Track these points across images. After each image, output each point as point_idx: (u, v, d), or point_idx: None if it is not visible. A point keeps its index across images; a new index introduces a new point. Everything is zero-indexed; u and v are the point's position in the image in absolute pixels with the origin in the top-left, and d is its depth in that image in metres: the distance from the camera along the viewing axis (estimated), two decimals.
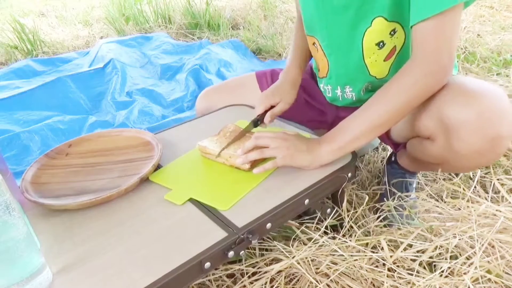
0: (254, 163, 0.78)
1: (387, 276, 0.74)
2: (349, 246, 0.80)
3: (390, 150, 1.20)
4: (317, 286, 0.72)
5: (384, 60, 0.84)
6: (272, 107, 0.91)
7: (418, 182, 1.07)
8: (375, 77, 0.87)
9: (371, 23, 0.79)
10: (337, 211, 0.84)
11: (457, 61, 0.84)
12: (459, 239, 0.77)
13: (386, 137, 0.95)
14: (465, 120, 0.67)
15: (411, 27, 0.71)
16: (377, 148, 1.24)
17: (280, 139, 0.76)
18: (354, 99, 0.93)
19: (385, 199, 0.94)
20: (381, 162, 1.18)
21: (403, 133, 0.88)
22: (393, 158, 1.02)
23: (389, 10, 0.77)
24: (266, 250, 0.82)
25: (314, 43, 0.94)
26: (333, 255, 0.77)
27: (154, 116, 1.55)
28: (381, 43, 0.81)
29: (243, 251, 0.64)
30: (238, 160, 0.76)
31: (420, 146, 0.82)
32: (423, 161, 0.87)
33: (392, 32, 0.79)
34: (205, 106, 1.10)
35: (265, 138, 0.77)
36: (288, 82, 0.96)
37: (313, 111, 1.06)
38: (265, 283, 0.75)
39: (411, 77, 0.71)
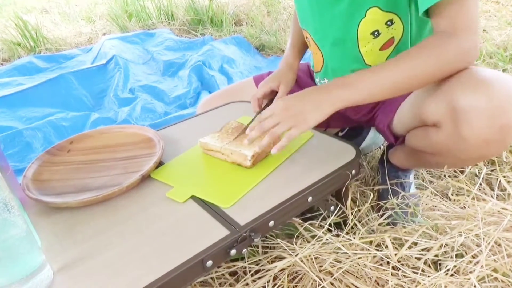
0: (257, 159, 0.77)
1: (391, 275, 0.73)
2: (353, 244, 0.79)
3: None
4: (320, 284, 0.72)
5: (380, 50, 0.83)
6: (273, 99, 0.91)
7: (423, 179, 1.06)
8: (371, 66, 0.85)
9: (366, 13, 0.78)
10: (340, 208, 0.83)
11: None
12: (465, 238, 0.76)
13: (387, 129, 0.93)
14: (475, 106, 0.65)
15: (430, 14, 0.68)
16: (380, 146, 1.23)
17: (283, 110, 0.72)
18: None
19: (389, 197, 0.93)
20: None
21: (406, 123, 0.85)
22: (384, 157, 1.02)
23: (384, 0, 0.76)
24: (269, 247, 0.82)
25: (307, 37, 0.94)
26: (337, 253, 0.77)
27: (156, 113, 1.54)
28: (376, 32, 0.80)
29: (245, 249, 0.63)
30: (256, 148, 0.75)
31: (424, 135, 0.79)
32: (420, 155, 0.85)
33: (388, 23, 0.78)
34: None
35: (268, 120, 0.73)
36: (286, 66, 0.98)
37: None
38: (268, 281, 0.74)
39: (443, 47, 0.67)
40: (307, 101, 0.72)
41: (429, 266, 0.75)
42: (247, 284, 0.75)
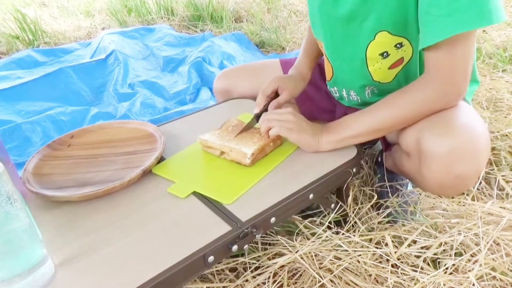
0: (256, 158, 0.77)
1: (390, 272, 0.73)
2: (352, 241, 0.79)
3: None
4: (320, 281, 0.72)
5: (388, 68, 0.83)
6: (274, 98, 0.91)
7: None
8: (379, 82, 0.86)
9: (375, 36, 0.79)
10: (341, 206, 0.84)
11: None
12: (464, 236, 0.76)
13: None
14: (436, 152, 0.68)
15: (423, 48, 0.70)
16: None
17: (289, 114, 0.79)
18: (359, 101, 0.93)
19: (389, 195, 0.94)
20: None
21: (393, 136, 0.88)
22: (379, 159, 1.02)
23: (394, 26, 0.76)
24: (269, 244, 0.82)
25: (322, 46, 0.94)
26: (337, 250, 0.77)
27: (156, 108, 1.54)
28: (385, 53, 0.80)
29: (246, 245, 0.64)
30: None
31: (400, 154, 0.84)
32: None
33: (398, 45, 0.79)
34: (223, 86, 1.09)
35: (275, 114, 0.80)
36: (299, 75, 0.98)
37: (328, 101, 1.06)
38: (268, 278, 0.74)
39: (424, 93, 0.72)
40: (309, 126, 0.80)
41: (428, 264, 0.75)
42: (247, 280, 0.75)
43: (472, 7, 0.62)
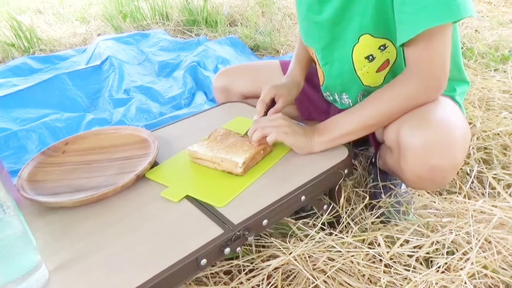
0: (247, 167, 0.77)
1: (383, 272, 0.74)
2: (345, 242, 0.80)
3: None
4: (314, 282, 0.72)
5: (376, 72, 0.85)
6: (270, 108, 0.92)
7: None
8: (369, 86, 0.88)
9: (358, 40, 0.81)
10: (334, 207, 0.84)
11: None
12: (456, 235, 0.77)
13: (371, 136, 0.96)
14: (412, 145, 0.70)
15: (401, 45, 0.73)
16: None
17: (281, 119, 0.81)
18: (351, 104, 0.95)
19: (382, 195, 0.95)
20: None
21: (380, 133, 0.89)
22: (373, 160, 1.04)
23: (375, 28, 0.78)
24: (263, 246, 0.82)
25: (313, 53, 0.96)
26: (330, 251, 0.78)
27: (151, 113, 1.54)
28: (370, 57, 0.83)
29: (239, 248, 0.64)
30: (254, 137, 0.79)
31: (386, 150, 0.86)
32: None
33: (381, 47, 0.81)
34: (222, 84, 1.11)
35: (267, 121, 0.81)
36: (293, 82, 1.00)
37: (325, 102, 1.07)
38: (262, 280, 0.75)
39: (407, 87, 0.74)
40: (301, 128, 0.81)
41: (421, 263, 0.76)
42: (241, 283, 0.75)
43: (440, 3, 0.65)
